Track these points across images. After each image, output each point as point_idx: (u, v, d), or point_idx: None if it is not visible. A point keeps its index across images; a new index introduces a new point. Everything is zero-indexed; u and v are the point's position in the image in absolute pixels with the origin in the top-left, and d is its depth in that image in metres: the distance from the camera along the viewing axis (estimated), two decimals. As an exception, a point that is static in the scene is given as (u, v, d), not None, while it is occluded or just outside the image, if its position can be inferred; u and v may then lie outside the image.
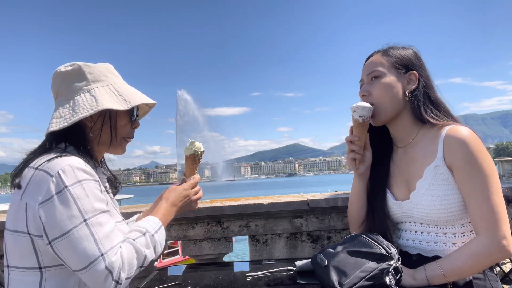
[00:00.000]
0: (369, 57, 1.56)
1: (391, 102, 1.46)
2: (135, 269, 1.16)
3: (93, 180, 1.15)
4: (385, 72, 1.47)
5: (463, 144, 1.29)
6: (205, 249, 2.40)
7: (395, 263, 1.19)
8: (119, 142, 1.37)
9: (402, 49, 1.53)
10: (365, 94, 1.49)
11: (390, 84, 1.46)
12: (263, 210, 2.33)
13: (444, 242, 1.36)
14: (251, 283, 1.49)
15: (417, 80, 1.48)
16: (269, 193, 4.09)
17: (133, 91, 1.36)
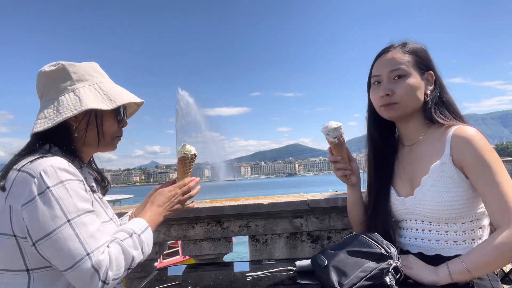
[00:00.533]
0: (387, 51, 1.50)
1: (413, 102, 1.46)
2: (123, 270, 1.14)
3: (76, 180, 1.15)
4: (410, 71, 1.45)
5: (472, 142, 1.31)
6: (205, 249, 2.40)
7: (394, 263, 1.19)
8: (109, 141, 1.37)
9: (420, 47, 1.51)
10: (388, 94, 1.45)
11: (415, 85, 1.45)
12: (263, 210, 2.33)
13: (446, 240, 1.36)
14: (251, 283, 1.49)
15: (433, 80, 1.49)
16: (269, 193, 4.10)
17: (119, 90, 1.36)
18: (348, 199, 1.71)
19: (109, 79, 1.41)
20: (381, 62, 1.50)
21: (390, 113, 1.48)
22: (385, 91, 1.45)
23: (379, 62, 1.50)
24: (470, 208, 1.34)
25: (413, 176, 1.47)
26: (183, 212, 2.31)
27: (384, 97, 1.45)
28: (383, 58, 1.49)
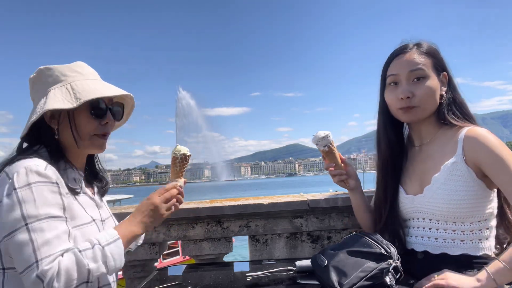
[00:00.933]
0: (403, 52, 1.48)
1: (431, 105, 1.46)
2: (75, 283, 1.07)
3: (47, 182, 1.13)
4: (430, 73, 1.44)
5: (485, 141, 1.32)
6: (205, 249, 2.40)
7: (394, 263, 1.19)
8: (87, 140, 1.32)
9: (435, 48, 1.50)
10: (408, 96, 1.43)
11: (434, 88, 1.44)
12: (263, 210, 2.33)
13: (453, 239, 1.36)
14: (251, 283, 1.49)
15: (447, 81, 1.49)
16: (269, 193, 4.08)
17: (92, 87, 1.30)
18: (352, 203, 1.74)
19: (93, 76, 1.36)
20: (399, 62, 1.47)
21: (410, 117, 1.47)
22: (405, 93, 1.42)
23: (396, 62, 1.48)
24: (479, 208, 1.35)
25: (424, 174, 1.48)
26: (183, 212, 2.32)
27: (404, 99, 1.43)
28: (401, 59, 1.47)
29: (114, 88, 1.36)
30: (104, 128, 1.35)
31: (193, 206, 2.34)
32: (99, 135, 1.34)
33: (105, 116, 1.34)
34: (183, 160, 1.47)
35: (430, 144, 1.50)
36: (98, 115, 1.33)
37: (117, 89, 1.37)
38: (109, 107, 1.36)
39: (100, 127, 1.34)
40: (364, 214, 1.71)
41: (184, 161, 1.47)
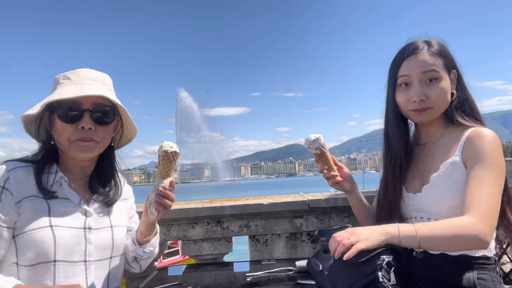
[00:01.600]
0: (415, 52, 1.45)
1: (444, 105, 1.45)
2: None
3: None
4: (442, 75, 1.43)
5: (483, 142, 1.32)
6: (205, 249, 2.40)
7: (387, 258, 1.17)
8: (66, 145, 1.31)
9: (445, 46, 1.49)
10: (423, 99, 1.41)
11: (446, 88, 1.43)
12: (263, 210, 2.33)
13: None
14: (251, 283, 1.49)
15: (456, 79, 1.49)
16: (269, 193, 4.09)
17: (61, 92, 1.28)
18: (350, 204, 1.74)
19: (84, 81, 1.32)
20: (411, 63, 1.44)
21: (423, 118, 1.46)
22: (420, 96, 1.41)
23: (408, 63, 1.45)
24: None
25: (423, 173, 1.48)
26: (183, 212, 2.32)
27: (417, 102, 1.42)
28: (413, 60, 1.44)
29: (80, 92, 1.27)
30: (82, 133, 1.29)
31: (193, 206, 2.34)
32: (77, 140, 1.30)
33: (79, 120, 1.29)
34: (164, 158, 1.33)
35: (435, 143, 1.50)
36: (68, 120, 1.29)
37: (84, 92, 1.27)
38: (89, 111, 1.29)
39: (77, 131, 1.29)
40: (363, 214, 1.71)
41: (165, 158, 1.33)
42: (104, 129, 1.35)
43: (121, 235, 1.46)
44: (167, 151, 1.30)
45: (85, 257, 1.31)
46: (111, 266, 1.40)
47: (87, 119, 1.29)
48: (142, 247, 1.46)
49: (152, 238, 1.49)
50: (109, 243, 1.39)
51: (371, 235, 1.17)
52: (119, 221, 1.48)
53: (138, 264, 1.52)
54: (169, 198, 1.33)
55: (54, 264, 1.24)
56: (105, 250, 1.38)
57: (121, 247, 1.45)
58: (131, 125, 1.48)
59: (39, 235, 1.23)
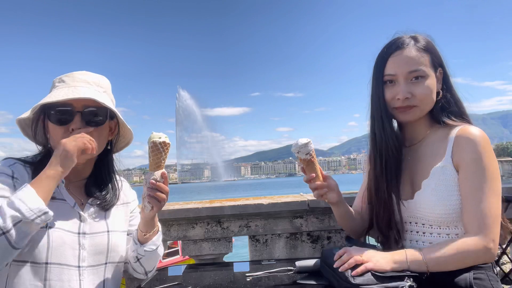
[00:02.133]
0: (401, 48, 1.40)
1: (430, 104, 1.41)
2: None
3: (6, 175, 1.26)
4: (429, 72, 1.38)
5: (473, 143, 1.29)
6: (205, 249, 2.40)
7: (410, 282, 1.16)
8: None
9: (432, 42, 1.44)
10: (408, 97, 1.37)
11: (433, 87, 1.39)
12: (263, 210, 2.33)
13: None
14: (251, 283, 1.49)
15: (442, 77, 1.44)
16: (269, 193, 4.07)
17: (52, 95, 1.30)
18: (335, 214, 1.63)
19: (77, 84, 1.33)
20: (396, 60, 1.39)
21: (407, 116, 1.41)
22: (405, 94, 1.37)
23: (394, 60, 1.40)
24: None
25: (414, 178, 1.44)
26: (183, 212, 2.32)
27: (402, 99, 1.38)
28: (399, 56, 1.39)
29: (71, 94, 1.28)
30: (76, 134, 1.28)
31: (193, 206, 2.34)
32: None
33: (70, 122, 1.29)
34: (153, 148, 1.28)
35: (421, 145, 1.46)
36: (59, 122, 1.30)
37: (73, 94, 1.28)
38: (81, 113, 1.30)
39: (67, 133, 1.29)
40: (350, 225, 1.63)
41: (162, 149, 1.28)
42: (96, 131, 1.33)
43: (118, 241, 1.43)
44: (156, 141, 1.26)
45: (78, 263, 1.29)
46: (106, 272, 1.38)
47: (78, 120, 1.30)
48: (143, 245, 1.43)
49: (153, 236, 1.44)
50: (104, 248, 1.36)
51: (381, 259, 1.22)
52: (117, 226, 1.45)
53: (141, 267, 1.47)
54: (162, 190, 1.29)
55: (46, 266, 1.23)
56: (100, 256, 1.35)
57: (117, 253, 1.42)
58: (126, 128, 1.48)
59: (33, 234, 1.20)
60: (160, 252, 1.51)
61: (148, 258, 1.46)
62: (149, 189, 1.29)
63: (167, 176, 1.32)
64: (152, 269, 1.53)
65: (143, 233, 1.41)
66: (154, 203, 1.30)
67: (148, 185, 1.29)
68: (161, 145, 1.27)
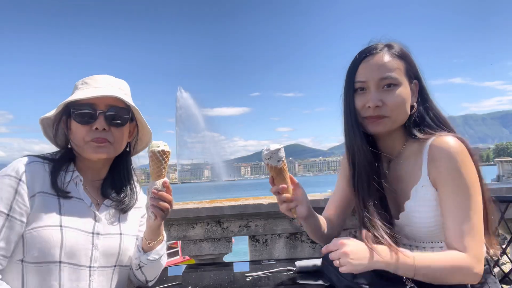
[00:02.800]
0: (373, 53, 1.31)
1: (402, 116, 1.31)
2: None
3: (12, 177, 1.23)
4: (402, 80, 1.29)
5: (447, 157, 1.21)
6: (205, 249, 2.40)
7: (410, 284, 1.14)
8: (82, 145, 1.33)
9: (408, 52, 1.35)
10: (378, 105, 1.26)
11: (406, 97, 1.29)
12: (263, 210, 2.33)
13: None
14: (251, 283, 1.49)
15: (417, 90, 1.35)
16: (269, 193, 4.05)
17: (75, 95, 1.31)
18: (305, 229, 1.53)
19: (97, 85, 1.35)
20: (368, 66, 1.30)
21: (377, 127, 1.30)
22: (375, 102, 1.26)
23: (365, 66, 1.31)
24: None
25: (397, 199, 1.37)
26: (183, 212, 2.32)
27: (372, 108, 1.27)
28: (370, 62, 1.30)
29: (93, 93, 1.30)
30: (96, 133, 1.31)
31: (193, 206, 2.34)
32: (90, 142, 1.31)
33: (93, 121, 1.31)
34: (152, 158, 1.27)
35: (398, 161, 1.37)
36: (83, 121, 1.31)
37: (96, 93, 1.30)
38: (103, 113, 1.32)
39: (91, 132, 1.31)
40: (321, 235, 1.53)
41: (161, 157, 1.27)
42: (118, 131, 1.36)
43: (129, 244, 1.42)
44: (154, 151, 1.26)
45: (90, 263, 1.29)
46: (114, 275, 1.37)
47: (101, 120, 1.32)
48: (146, 254, 1.41)
49: (158, 245, 1.42)
50: (116, 251, 1.36)
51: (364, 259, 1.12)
52: (129, 229, 1.44)
53: (143, 275, 1.46)
54: (164, 199, 1.29)
55: (60, 265, 1.23)
56: (111, 258, 1.35)
57: (127, 256, 1.41)
58: (146, 129, 1.48)
59: (47, 233, 1.22)
60: (163, 262, 1.49)
61: (150, 267, 1.43)
62: (152, 199, 1.29)
63: (169, 185, 1.31)
64: (154, 279, 1.50)
65: (147, 241, 1.40)
66: (157, 213, 1.29)
67: (150, 195, 1.29)
68: (160, 153, 1.27)
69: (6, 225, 1.19)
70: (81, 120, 1.32)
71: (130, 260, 1.44)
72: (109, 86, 1.37)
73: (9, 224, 1.19)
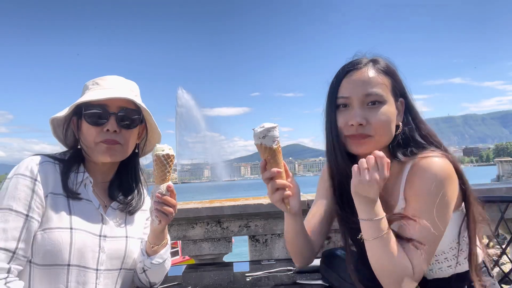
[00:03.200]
0: (357, 68, 1.23)
1: (387, 136, 1.21)
2: None
3: (27, 177, 1.22)
4: (387, 98, 1.20)
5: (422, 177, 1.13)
6: (204, 249, 2.40)
7: None
8: (92, 147, 1.31)
9: (393, 68, 1.27)
10: (362, 123, 1.17)
11: (391, 116, 1.20)
12: (262, 210, 2.33)
13: (439, 268, 1.26)
14: (250, 283, 1.49)
15: (403, 109, 1.27)
16: (269, 193, 4.01)
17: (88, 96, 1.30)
18: (287, 229, 1.33)
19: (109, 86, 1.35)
20: (351, 81, 1.22)
21: (361, 148, 1.20)
22: (358, 120, 1.17)
23: (348, 81, 1.22)
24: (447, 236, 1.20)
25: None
26: (183, 212, 2.32)
27: (355, 126, 1.18)
28: (354, 77, 1.22)
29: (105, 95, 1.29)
30: (107, 135, 1.30)
31: (193, 206, 2.34)
32: (101, 143, 1.30)
33: (105, 122, 1.30)
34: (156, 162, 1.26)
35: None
36: (94, 122, 1.30)
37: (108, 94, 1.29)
38: (114, 114, 1.31)
39: (102, 134, 1.30)
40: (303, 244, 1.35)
41: (166, 161, 1.26)
42: (128, 133, 1.35)
43: (134, 247, 1.41)
44: (159, 155, 1.24)
45: (97, 265, 1.28)
46: (119, 278, 1.36)
47: (113, 122, 1.31)
48: (150, 258, 1.40)
49: (161, 249, 1.41)
50: (121, 254, 1.35)
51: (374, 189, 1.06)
52: (135, 232, 1.44)
53: (147, 278, 1.46)
54: (168, 203, 1.28)
55: (68, 268, 1.22)
56: (116, 261, 1.34)
57: (132, 259, 1.41)
58: (155, 131, 1.48)
59: (57, 235, 1.21)
60: (167, 266, 1.48)
61: (154, 271, 1.43)
62: (156, 203, 1.28)
63: (173, 189, 1.30)
64: (158, 283, 1.50)
65: (151, 245, 1.40)
66: (161, 217, 1.28)
67: (154, 198, 1.28)
68: (164, 157, 1.25)
69: (26, 227, 1.17)
70: (93, 121, 1.30)
71: (135, 263, 1.43)
72: (120, 88, 1.37)
73: (28, 225, 1.18)
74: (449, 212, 1.13)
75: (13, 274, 1.13)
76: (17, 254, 1.14)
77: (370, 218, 1.09)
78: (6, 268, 1.11)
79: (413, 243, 1.10)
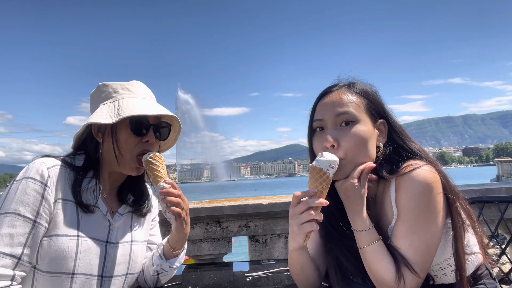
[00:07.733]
0: (330, 91, 1.22)
1: (362, 157, 1.15)
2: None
3: (37, 181, 1.17)
4: (361, 117, 1.17)
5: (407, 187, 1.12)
6: (204, 249, 2.40)
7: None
8: (128, 158, 1.31)
9: (372, 90, 1.25)
10: (333, 145, 1.13)
11: (365, 135, 1.15)
12: (262, 210, 2.34)
13: (439, 275, 1.25)
14: (250, 283, 1.49)
15: (386, 130, 1.24)
16: (268, 193, 4.08)
17: (135, 105, 1.30)
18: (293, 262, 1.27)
19: (143, 95, 1.38)
20: (324, 103, 1.20)
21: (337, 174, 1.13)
22: (329, 141, 1.13)
23: (322, 103, 1.21)
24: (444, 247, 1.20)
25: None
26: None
27: (329, 147, 1.14)
28: (327, 99, 1.21)
29: (158, 109, 1.34)
30: (145, 145, 1.33)
31: (192, 206, 2.34)
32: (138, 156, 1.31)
33: (146, 134, 1.33)
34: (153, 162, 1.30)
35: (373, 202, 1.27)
36: (138, 132, 1.32)
37: (161, 110, 1.34)
38: (153, 126, 1.35)
39: (140, 144, 1.32)
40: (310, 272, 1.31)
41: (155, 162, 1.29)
42: (157, 144, 1.39)
43: (139, 252, 1.41)
44: (145, 159, 1.30)
45: (102, 272, 1.28)
46: (125, 284, 1.36)
47: (151, 133, 1.34)
48: (169, 262, 1.41)
49: (181, 252, 1.45)
50: (126, 259, 1.35)
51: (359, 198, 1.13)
52: (139, 236, 1.44)
53: (158, 280, 1.46)
54: (171, 194, 1.30)
55: (73, 276, 1.20)
56: (122, 266, 1.34)
57: (137, 264, 1.40)
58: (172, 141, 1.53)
59: (63, 243, 1.19)
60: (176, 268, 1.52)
61: (170, 274, 1.46)
62: (162, 200, 1.31)
63: (172, 181, 1.32)
64: (162, 285, 1.52)
65: (171, 249, 1.41)
66: (173, 211, 1.30)
67: (160, 196, 1.31)
68: (152, 158, 1.30)
69: (33, 233, 1.14)
70: (137, 131, 1.31)
71: (140, 266, 1.43)
72: (151, 98, 1.42)
73: (35, 231, 1.15)
74: (439, 217, 1.12)
75: (16, 282, 1.11)
76: (22, 260, 1.12)
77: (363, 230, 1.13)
78: (11, 275, 1.09)
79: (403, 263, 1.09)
